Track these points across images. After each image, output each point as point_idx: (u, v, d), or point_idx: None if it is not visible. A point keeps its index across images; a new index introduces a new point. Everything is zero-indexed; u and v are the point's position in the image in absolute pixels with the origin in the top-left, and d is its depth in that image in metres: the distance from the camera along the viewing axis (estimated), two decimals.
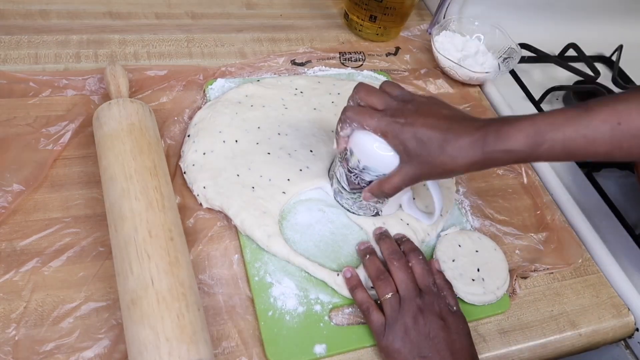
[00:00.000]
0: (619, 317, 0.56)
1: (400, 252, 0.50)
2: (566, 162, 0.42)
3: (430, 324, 0.45)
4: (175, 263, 0.43)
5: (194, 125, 0.59)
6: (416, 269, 0.49)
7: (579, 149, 0.40)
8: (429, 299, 0.47)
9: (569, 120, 0.40)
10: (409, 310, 0.45)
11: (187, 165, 0.55)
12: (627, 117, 0.39)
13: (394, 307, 0.46)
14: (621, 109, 0.39)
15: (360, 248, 0.52)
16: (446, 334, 0.45)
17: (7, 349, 0.42)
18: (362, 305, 0.48)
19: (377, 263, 0.50)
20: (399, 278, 0.48)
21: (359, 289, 0.49)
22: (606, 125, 0.39)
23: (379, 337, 0.46)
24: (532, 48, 0.84)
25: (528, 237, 0.60)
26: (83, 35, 0.67)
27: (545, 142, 0.40)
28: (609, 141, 0.39)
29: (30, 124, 0.56)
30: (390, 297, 0.47)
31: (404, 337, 0.44)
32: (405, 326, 0.45)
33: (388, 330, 0.45)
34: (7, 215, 0.48)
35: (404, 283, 0.47)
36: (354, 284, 0.49)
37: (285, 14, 0.81)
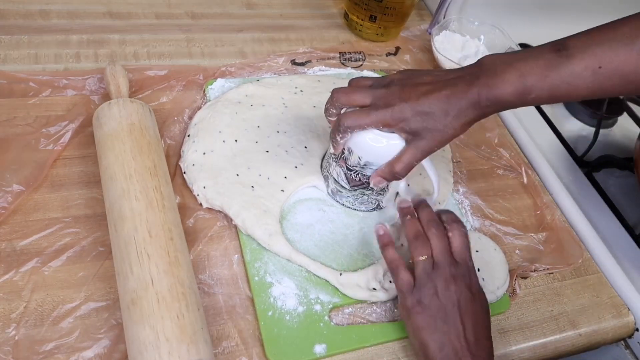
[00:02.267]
0: (619, 317, 0.56)
1: (439, 221, 0.49)
2: None
3: (460, 293, 0.44)
4: (175, 263, 0.43)
5: (194, 125, 0.59)
6: (455, 240, 0.48)
7: (562, 94, 0.43)
8: (463, 270, 0.46)
9: (551, 68, 0.42)
10: (442, 275, 0.45)
11: (187, 165, 0.55)
12: (607, 60, 0.41)
13: (427, 270, 0.45)
14: (600, 53, 0.41)
15: (401, 206, 0.51)
16: (474, 305, 0.44)
17: (7, 348, 0.42)
18: (391, 263, 0.48)
19: (417, 225, 0.49)
20: (435, 244, 0.47)
21: (390, 247, 0.49)
22: (588, 71, 0.41)
23: (405, 296, 0.45)
24: None
25: (528, 237, 0.60)
26: (83, 35, 0.67)
27: (532, 92, 0.43)
28: (591, 85, 0.42)
29: (30, 124, 0.56)
30: (424, 259, 0.46)
31: (432, 299, 0.44)
32: (435, 289, 0.44)
33: (416, 290, 0.45)
34: (7, 215, 0.48)
35: (439, 249, 0.47)
36: (386, 242, 0.49)
37: (285, 14, 0.81)
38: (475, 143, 0.69)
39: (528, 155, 0.70)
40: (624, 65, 0.41)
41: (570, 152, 0.73)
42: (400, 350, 0.48)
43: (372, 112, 0.46)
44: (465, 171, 0.65)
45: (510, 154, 0.68)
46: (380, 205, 0.56)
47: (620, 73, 0.41)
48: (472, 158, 0.67)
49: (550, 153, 0.71)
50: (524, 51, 0.45)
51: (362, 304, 0.50)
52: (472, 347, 0.43)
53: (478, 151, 0.68)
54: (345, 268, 0.52)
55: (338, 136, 0.48)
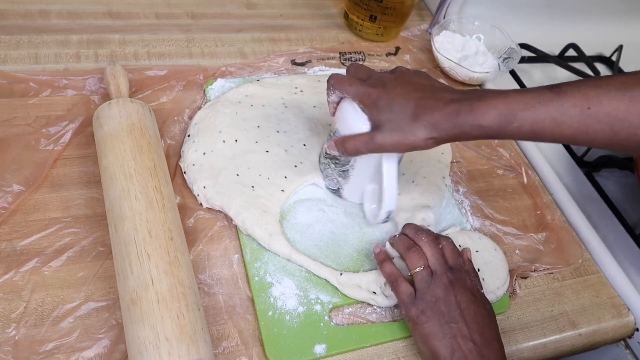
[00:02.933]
0: (619, 317, 0.56)
1: (427, 230, 0.50)
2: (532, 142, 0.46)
3: (461, 297, 0.45)
4: (175, 263, 0.43)
5: (194, 125, 0.59)
6: (446, 249, 0.48)
7: (545, 130, 0.41)
8: (460, 274, 0.46)
9: (541, 101, 0.41)
10: (440, 282, 0.45)
11: (187, 165, 0.55)
12: (597, 103, 0.40)
13: (425, 279, 0.46)
14: (592, 95, 0.40)
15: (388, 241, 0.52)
16: (477, 307, 0.45)
17: (7, 348, 0.42)
18: (390, 276, 0.48)
19: (405, 238, 0.49)
20: (429, 252, 0.47)
21: (387, 262, 0.49)
22: (576, 109, 0.40)
23: (408, 307, 0.46)
24: (532, 48, 0.84)
25: (528, 237, 0.60)
26: (83, 35, 0.67)
27: (515, 121, 0.41)
28: (576, 125, 0.40)
29: (30, 124, 0.56)
30: (421, 270, 0.46)
31: (434, 306, 0.44)
32: (435, 296, 0.45)
33: (418, 300, 0.45)
34: (7, 215, 0.48)
35: (434, 257, 0.47)
36: (382, 258, 0.50)
37: (285, 14, 0.81)
38: (475, 143, 0.69)
39: (528, 155, 0.70)
40: (614, 111, 0.39)
41: (570, 152, 0.73)
42: (401, 350, 0.48)
43: (355, 84, 0.47)
44: (465, 171, 0.65)
45: (510, 154, 0.68)
46: (341, 191, 0.56)
47: (609, 118, 0.40)
48: (472, 158, 0.67)
49: (550, 153, 0.71)
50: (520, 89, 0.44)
51: (362, 304, 0.50)
52: (481, 348, 0.43)
53: (478, 151, 0.68)
54: (345, 268, 0.52)
55: (327, 93, 0.50)
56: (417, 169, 0.61)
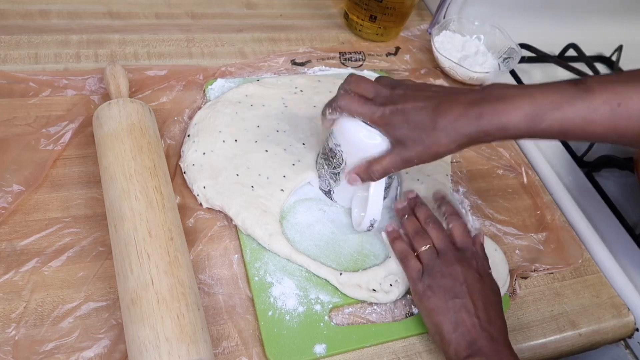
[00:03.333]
0: (619, 317, 0.56)
1: (436, 218, 0.51)
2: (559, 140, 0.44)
3: (467, 274, 0.45)
4: (175, 263, 0.43)
5: (194, 125, 0.59)
6: (455, 230, 0.50)
7: (576, 129, 0.40)
8: (467, 254, 0.47)
9: (569, 99, 0.40)
10: (447, 260, 0.47)
11: (187, 165, 0.55)
12: (628, 99, 0.39)
13: (431, 256, 0.47)
14: (622, 91, 0.39)
15: (398, 207, 0.53)
16: (482, 286, 0.45)
17: (7, 348, 0.42)
18: (401, 253, 0.49)
19: (416, 222, 0.51)
20: (434, 235, 0.49)
21: (399, 240, 0.50)
22: (606, 107, 0.39)
23: (415, 282, 0.47)
24: (532, 48, 0.84)
25: (528, 237, 0.60)
26: (83, 35, 0.67)
27: (544, 122, 0.40)
28: (607, 123, 0.39)
29: (30, 124, 0.56)
30: (427, 249, 0.48)
31: (440, 280, 0.46)
32: (442, 272, 0.46)
33: (425, 276, 0.46)
34: (7, 215, 0.48)
35: (439, 239, 0.49)
36: (395, 236, 0.51)
37: (285, 14, 0.81)
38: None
39: (528, 155, 0.70)
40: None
41: (570, 152, 0.73)
42: (400, 351, 0.48)
43: (367, 105, 0.46)
44: (465, 171, 0.65)
45: (510, 154, 0.68)
46: (332, 193, 0.55)
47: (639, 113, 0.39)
48: (472, 158, 0.67)
49: (550, 153, 0.71)
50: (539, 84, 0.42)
51: (362, 304, 0.50)
52: (484, 324, 0.43)
53: (478, 151, 0.68)
54: (345, 268, 0.51)
55: (327, 110, 0.48)
56: (420, 167, 0.61)
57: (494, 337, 0.43)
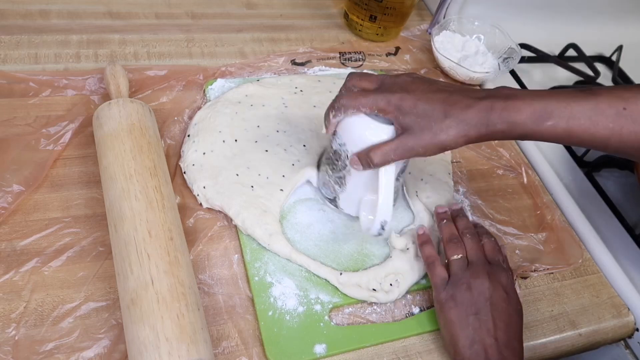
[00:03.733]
0: (619, 317, 0.56)
1: (474, 229, 0.51)
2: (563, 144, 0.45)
3: (493, 291, 0.45)
4: (175, 263, 0.43)
5: (194, 125, 0.59)
6: (487, 245, 0.50)
7: (581, 129, 0.40)
8: (497, 269, 0.47)
9: (576, 100, 0.40)
10: (476, 272, 0.46)
11: (187, 165, 0.55)
12: (633, 103, 0.40)
13: (461, 267, 0.47)
14: (628, 96, 0.40)
15: (439, 211, 0.53)
16: (507, 305, 0.45)
17: (7, 348, 0.42)
18: (428, 258, 0.49)
19: (453, 228, 0.51)
20: (469, 246, 0.49)
21: (429, 244, 0.50)
22: (612, 109, 0.40)
23: (439, 290, 0.46)
24: (532, 48, 0.84)
25: (528, 237, 0.60)
26: (83, 35, 0.67)
27: (551, 119, 0.40)
28: (611, 125, 0.40)
29: (30, 124, 0.56)
30: (458, 258, 0.48)
31: (465, 293, 0.45)
32: (468, 285, 0.45)
33: (450, 286, 0.46)
34: (7, 215, 0.48)
35: (473, 250, 0.48)
36: (424, 239, 0.51)
37: (285, 14, 0.81)
38: (476, 143, 0.69)
39: (528, 155, 0.70)
40: None
41: (570, 152, 0.73)
42: (400, 351, 0.48)
43: (371, 95, 0.44)
44: (465, 171, 0.65)
45: (510, 154, 0.68)
46: (337, 201, 0.53)
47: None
48: (472, 158, 0.67)
49: (550, 153, 0.71)
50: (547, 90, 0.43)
51: (362, 304, 0.50)
52: (501, 347, 0.42)
53: (478, 151, 0.68)
54: (345, 268, 0.51)
55: (331, 114, 0.46)
56: (423, 167, 0.61)
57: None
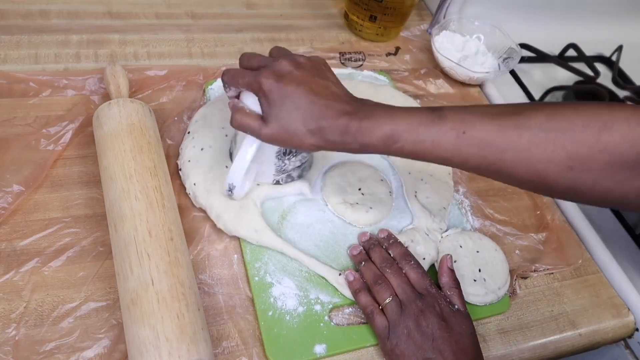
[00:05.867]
0: (619, 317, 0.56)
1: (390, 259, 0.50)
2: None
3: (432, 325, 0.45)
4: (175, 263, 0.43)
5: (194, 122, 0.58)
6: (410, 274, 0.49)
7: (426, 150, 0.43)
8: (429, 300, 0.47)
9: (423, 123, 0.43)
10: (410, 313, 0.46)
11: (184, 162, 0.55)
12: (471, 128, 0.42)
13: (396, 311, 0.46)
14: (467, 120, 0.43)
15: (353, 254, 0.52)
16: (448, 334, 0.45)
17: (7, 348, 0.42)
18: (365, 309, 0.48)
19: (373, 268, 0.50)
20: (395, 283, 0.48)
21: (363, 292, 0.49)
22: (453, 132, 0.42)
23: (383, 341, 0.46)
24: (532, 48, 0.84)
25: (528, 237, 0.60)
26: (83, 35, 0.67)
27: (398, 142, 0.43)
28: (452, 148, 0.43)
29: (30, 124, 0.56)
30: (390, 301, 0.47)
31: (407, 339, 0.45)
32: (407, 329, 0.45)
33: (391, 334, 0.45)
34: (7, 215, 0.48)
35: (400, 287, 0.48)
36: (357, 287, 0.49)
37: (285, 14, 0.81)
38: None
39: None
40: (485, 135, 0.42)
41: None
42: None
43: (249, 74, 0.45)
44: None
45: None
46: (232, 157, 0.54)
47: (480, 142, 0.42)
48: None
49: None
50: (405, 107, 0.45)
51: None
52: None
53: None
54: (345, 268, 0.51)
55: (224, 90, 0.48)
56: (423, 167, 0.61)
57: None
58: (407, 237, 0.53)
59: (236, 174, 0.48)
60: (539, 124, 0.41)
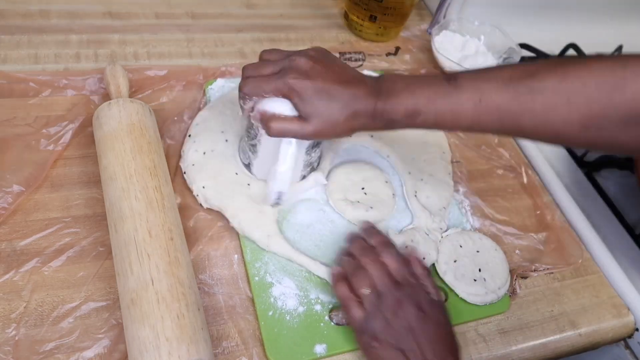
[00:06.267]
0: (619, 317, 0.56)
1: (369, 247, 0.49)
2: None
3: (409, 316, 0.44)
4: (175, 263, 0.43)
5: (195, 125, 0.59)
6: (389, 262, 0.47)
7: (447, 121, 0.45)
8: (407, 290, 0.46)
9: (442, 95, 0.44)
10: (388, 303, 0.45)
11: (187, 165, 0.55)
12: (487, 96, 0.43)
13: (373, 302, 0.45)
14: (483, 88, 0.44)
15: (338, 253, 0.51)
16: (425, 325, 0.44)
17: (7, 348, 0.42)
18: (344, 300, 0.47)
19: (352, 260, 0.49)
20: (373, 272, 0.47)
21: (340, 283, 0.48)
22: (470, 102, 0.44)
23: (360, 333, 0.45)
24: (532, 48, 0.84)
25: (528, 237, 0.60)
26: (83, 35, 0.67)
27: (421, 115, 0.45)
28: (471, 116, 0.44)
29: (30, 124, 0.56)
30: (368, 293, 0.46)
31: (384, 330, 0.44)
32: (385, 320, 0.44)
33: (368, 325, 0.44)
34: (7, 215, 0.48)
35: (378, 277, 0.46)
36: (337, 279, 0.48)
37: (285, 14, 0.81)
38: (475, 143, 0.69)
39: (528, 155, 0.70)
40: (500, 102, 0.43)
41: (570, 152, 0.73)
42: None
43: (272, 80, 0.45)
44: (466, 171, 0.65)
45: (510, 154, 0.68)
46: (251, 166, 0.54)
47: (496, 109, 0.43)
48: (472, 158, 0.67)
49: (550, 153, 0.71)
50: (420, 77, 0.47)
51: None
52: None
53: (478, 151, 0.68)
54: None
55: (240, 102, 0.48)
56: (422, 167, 0.61)
57: None
58: (407, 237, 0.53)
59: (284, 181, 0.49)
60: (552, 87, 0.42)
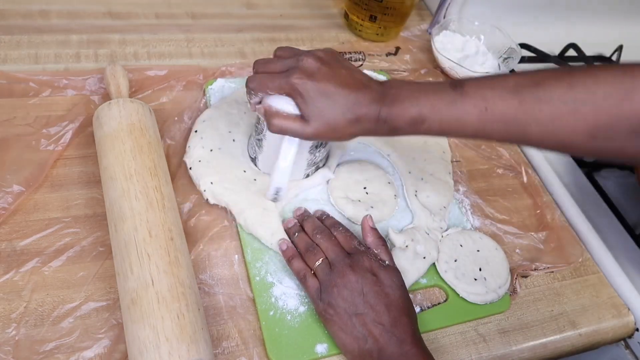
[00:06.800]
0: (619, 317, 0.56)
1: (322, 226, 0.51)
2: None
3: (361, 280, 0.45)
4: (175, 263, 0.43)
5: (202, 121, 0.58)
6: (339, 237, 0.50)
7: (452, 129, 0.45)
8: (357, 257, 0.47)
9: (447, 103, 0.44)
10: (340, 271, 0.46)
11: (193, 161, 0.55)
12: (493, 104, 0.43)
13: (326, 271, 0.47)
14: (489, 96, 0.43)
15: (288, 226, 0.53)
16: (379, 287, 0.45)
17: (7, 348, 0.42)
18: (298, 273, 0.48)
19: (305, 238, 0.51)
20: (324, 246, 0.49)
21: (296, 259, 0.49)
22: (475, 110, 0.43)
23: (316, 302, 0.46)
24: (532, 48, 0.84)
25: (528, 236, 0.60)
26: (83, 35, 0.67)
27: (425, 122, 0.44)
28: (476, 124, 0.43)
29: (30, 124, 0.56)
30: (320, 263, 0.47)
31: (338, 296, 0.45)
32: (337, 287, 0.45)
33: (323, 294, 0.46)
34: (7, 215, 0.48)
35: (329, 249, 0.48)
36: (290, 255, 0.50)
37: (285, 14, 0.81)
38: (475, 143, 0.69)
39: (528, 155, 0.70)
40: (506, 111, 0.42)
41: None
42: None
43: (277, 78, 0.45)
44: (466, 171, 0.65)
45: (510, 154, 0.68)
46: (257, 161, 0.56)
47: (502, 118, 0.43)
48: (472, 158, 0.67)
49: (550, 153, 0.71)
50: (426, 84, 0.46)
51: None
52: (390, 328, 0.43)
53: (478, 151, 0.68)
54: None
55: (247, 96, 0.48)
56: (423, 167, 0.61)
57: (402, 338, 0.43)
58: (407, 236, 0.53)
59: (283, 177, 0.49)
60: (559, 96, 0.41)
